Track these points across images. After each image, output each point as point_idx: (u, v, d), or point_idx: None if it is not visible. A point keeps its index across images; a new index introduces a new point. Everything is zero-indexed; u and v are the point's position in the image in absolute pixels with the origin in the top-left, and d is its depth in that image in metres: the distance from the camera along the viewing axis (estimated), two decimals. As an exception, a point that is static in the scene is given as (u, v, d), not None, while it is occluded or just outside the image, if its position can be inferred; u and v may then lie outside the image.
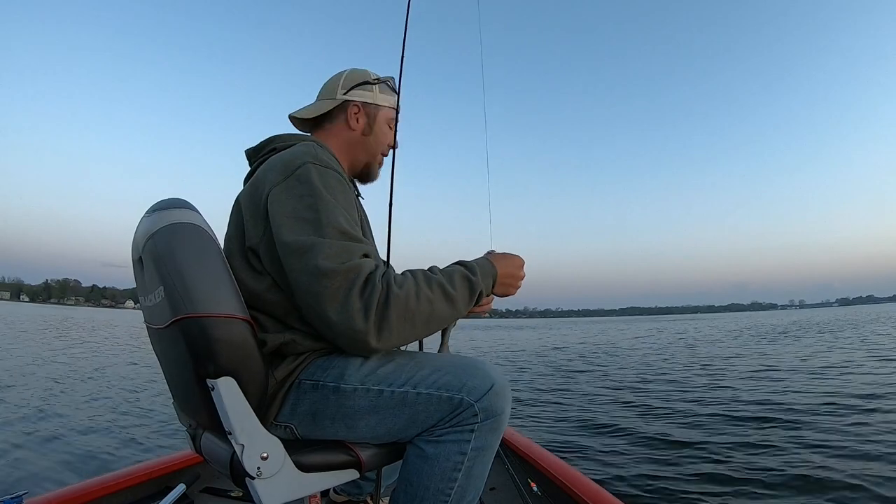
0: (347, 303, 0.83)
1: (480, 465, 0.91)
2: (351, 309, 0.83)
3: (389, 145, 1.21)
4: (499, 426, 0.91)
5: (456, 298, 0.93)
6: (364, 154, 1.19)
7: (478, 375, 0.90)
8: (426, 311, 0.89)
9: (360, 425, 0.91)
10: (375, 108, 1.18)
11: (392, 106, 1.20)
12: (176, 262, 0.82)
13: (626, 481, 2.88)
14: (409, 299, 0.86)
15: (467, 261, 1.01)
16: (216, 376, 0.80)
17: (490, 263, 1.02)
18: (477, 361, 0.94)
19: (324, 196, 0.90)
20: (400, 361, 0.93)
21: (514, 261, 1.08)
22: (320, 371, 0.92)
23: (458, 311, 0.95)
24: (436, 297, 0.90)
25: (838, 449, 3.26)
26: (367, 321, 0.83)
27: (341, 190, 0.94)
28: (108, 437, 3.86)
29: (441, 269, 0.96)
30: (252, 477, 0.81)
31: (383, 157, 1.23)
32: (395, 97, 1.21)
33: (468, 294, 0.95)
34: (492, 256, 1.06)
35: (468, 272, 0.96)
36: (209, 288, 0.83)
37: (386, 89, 1.20)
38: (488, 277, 1.00)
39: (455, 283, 0.94)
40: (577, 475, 1.64)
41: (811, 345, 12.58)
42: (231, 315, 0.83)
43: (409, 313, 0.87)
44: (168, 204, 0.89)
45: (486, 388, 0.89)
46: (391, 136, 1.21)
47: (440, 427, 0.89)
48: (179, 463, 1.80)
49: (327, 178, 0.93)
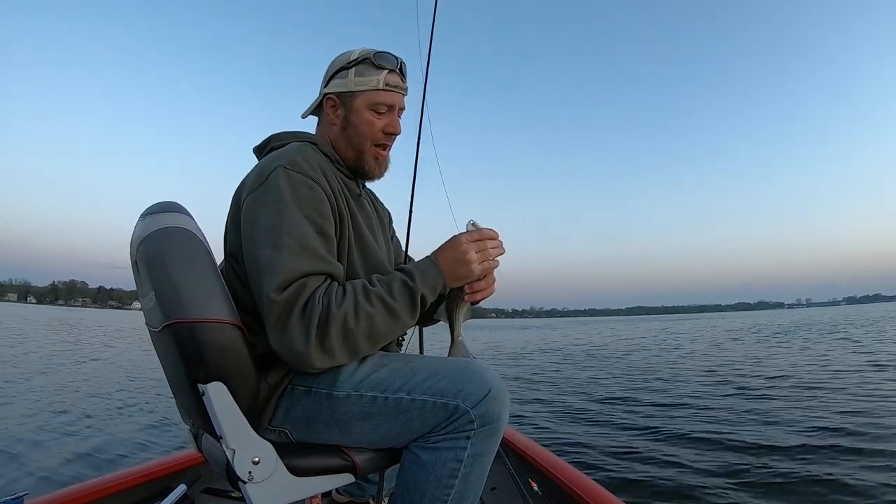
0: (287, 328, 0.82)
1: (478, 470, 0.90)
2: (292, 333, 0.82)
3: (384, 132, 1.06)
4: (496, 432, 0.89)
5: (397, 310, 0.88)
6: (349, 149, 1.07)
7: (474, 380, 0.88)
8: (366, 328, 0.85)
9: (355, 431, 0.90)
10: (350, 96, 1.04)
11: (375, 87, 1.02)
12: (166, 268, 0.83)
13: (627, 481, 2.87)
14: (348, 318, 0.84)
15: (407, 266, 0.95)
16: (206, 381, 0.80)
17: (431, 261, 0.94)
18: (473, 365, 0.91)
19: (289, 205, 0.88)
20: (394, 366, 0.92)
21: (453, 243, 0.95)
22: (313, 377, 0.91)
23: (402, 322, 0.90)
24: (376, 311, 0.86)
25: (858, 453, 3.20)
26: (308, 343, 0.82)
27: (311, 197, 0.91)
28: (108, 436, 3.87)
29: (381, 279, 0.91)
30: (244, 481, 0.81)
31: (380, 148, 1.07)
32: (382, 73, 1.03)
33: (409, 302, 0.90)
34: (435, 252, 0.96)
35: (406, 278, 0.91)
36: (198, 293, 0.83)
37: (366, 69, 1.03)
38: (431, 277, 0.92)
39: (394, 292, 0.89)
40: (578, 475, 1.63)
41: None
42: (221, 320, 0.83)
43: (349, 332, 0.84)
44: (160, 208, 0.90)
45: (482, 394, 0.86)
46: (383, 122, 1.05)
47: (436, 433, 0.88)
48: (180, 463, 1.81)
49: (296, 184, 0.90)
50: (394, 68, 1.04)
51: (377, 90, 1.03)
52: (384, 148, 1.08)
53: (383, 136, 1.06)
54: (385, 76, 1.03)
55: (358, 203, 1.07)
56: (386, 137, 1.07)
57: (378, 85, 1.03)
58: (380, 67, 1.03)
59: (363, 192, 1.14)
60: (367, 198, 1.18)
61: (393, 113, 1.06)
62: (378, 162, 1.09)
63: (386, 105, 1.04)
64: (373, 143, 1.06)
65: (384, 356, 0.96)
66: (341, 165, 1.07)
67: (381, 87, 1.03)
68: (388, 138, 1.07)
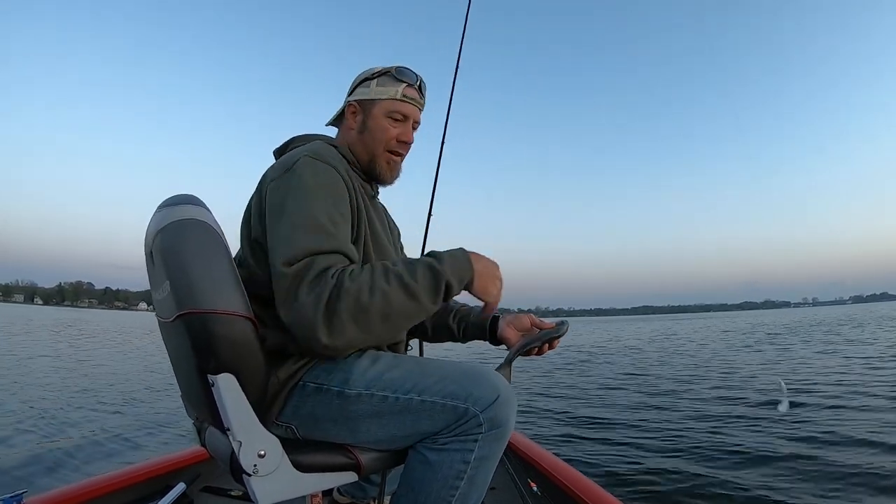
0: (297, 300, 0.83)
1: (483, 473, 0.90)
2: (301, 306, 0.82)
3: (398, 140, 1.11)
4: (503, 436, 0.89)
5: (417, 290, 0.86)
6: (363, 152, 1.12)
7: (484, 385, 0.88)
8: (380, 305, 0.83)
9: (362, 429, 0.90)
10: (370, 104, 1.10)
11: (393, 97, 1.09)
12: (182, 258, 0.84)
13: (627, 481, 2.87)
14: (361, 293, 0.82)
15: (438, 251, 0.94)
16: (216, 372, 0.81)
17: (465, 256, 0.94)
18: (483, 370, 0.92)
19: (311, 188, 0.91)
20: (406, 367, 0.92)
21: (492, 262, 0.99)
22: (325, 374, 0.91)
23: (421, 305, 0.88)
24: (392, 288, 0.84)
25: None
26: (316, 314, 0.81)
27: (333, 184, 0.95)
28: (108, 435, 3.88)
29: (405, 260, 0.92)
30: (248, 474, 0.82)
31: (395, 155, 1.12)
32: (401, 85, 1.10)
33: (432, 285, 0.88)
34: (471, 253, 0.98)
35: (433, 261, 0.90)
36: (213, 285, 0.83)
37: (387, 80, 1.10)
38: (460, 270, 0.92)
39: (417, 273, 0.87)
40: (578, 475, 1.63)
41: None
42: (233, 312, 0.83)
43: (361, 307, 0.82)
44: (178, 200, 0.92)
45: (492, 399, 0.87)
46: (397, 130, 1.10)
47: (444, 435, 0.88)
48: (179, 462, 1.80)
49: (319, 171, 0.94)
50: (412, 83, 1.11)
51: (395, 100, 1.09)
52: (397, 155, 1.13)
53: (396, 144, 1.11)
54: (404, 88, 1.10)
55: (373, 204, 1.12)
56: (399, 145, 1.12)
57: (396, 95, 1.09)
58: (400, 80, 1.10)
59: (377, 195, 1.17)
60: (381, 206, 1.24)
61: (408, 123, 1.12)
62: (390, 167, 1.13)
63: (402, 114, 1.10)
64: (386, 148, 1.11)
65: (397, 357, 0.96)
66: (357, 168, 1.12)
67: (399, 98, 1.09)
68: (400, 146, 1.12)
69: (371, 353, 0.96)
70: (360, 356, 0.94)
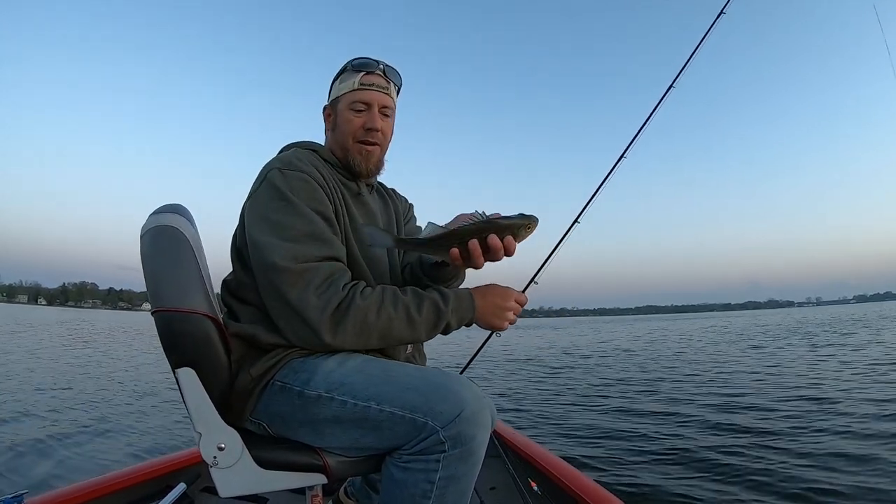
0: (304, 297, 0.88)
1: (454, 494, 0.86)
2: (306, 303, 0.88)
3: (363, 128, 1.10)
4: (470, 455, 0.84)
5: (418, 324, 0.92)
6: (338, 149, 1.13)
7: (448, 398, 0.83)
8: (383, 328, 0.90)
9: (326, 433, 0.90)
10: (336, 101, 1.13)
11: (352, 88, 1.09)
12: (153, 261, 0.93)
13: (627, 481, 2.85)
14: (370, 313, 0.89)
15: (446, 289, 0.98)
16: (178, 366, 0.87)
17: (469, 296, 0.98)
18: (451, 380, 0.87)
19: (288, 198, 0.95)
20: (370, 373, 0.90)
21: (500, 291, 1.02)
22: (292, 373, 0.93)
23: (418, 336, 0.94)
24: (397, 316, 0.91)
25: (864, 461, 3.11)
26: (322, 317, 0.87)
27: (307, 190, 0.97)
28: (108, 436, 3.89)
29: (415, 291, 0.96)
30: (209, 465, 0.88)
31: (366, 145, 1.11)
32: (358, 75, 1.09)
33: (433, 322, 0.94)
34: (476, 289, 1.02)
35: (440, 300, 0.95)
36: (177, 286, 0.91)
37: (347, 75, 1.11)
38: (462, 311, 0.96)
39: (423, 308, 0.93)
40: (577, 475, 1.63)
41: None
42: (194, 311, 0.89)
43: (366, 326, 0.89)
44: (162, 209, 0.99)
45: (453, 415, 0.81)
46: (362, 119, 1.10)
47: (406, 451, 0.85)
48: (180, 462, 1.80)
49: (291, 180, 0.97)
50: (372, 70, 1.10)
51: (353, 90, 1.10)
52: (369, 144, 1.12)
53: (363, 133, 1.10)
54: (361, 77, 1.10)
55: (357, 200, 1.13)
56: (366, 133, 1.10)
57: (354, 86, 1.10)
58: (356, 70, 1.10)
59: (364, 189, 1.16)
60: (376, 194, 1.25)
61: (372, 111, 1.10)
62: (364, 157, 1.12)
63: (363, 103, 1.10)
64: (355, 139, 1.11)
65: (367, 361, 0.94)
66: (340, 168, 1.13)
67: (357, 87, 1.10)
68: (368, 134, 1.10)
69: (342, 354, 0.94)
70: (329, 357, 0.93)
